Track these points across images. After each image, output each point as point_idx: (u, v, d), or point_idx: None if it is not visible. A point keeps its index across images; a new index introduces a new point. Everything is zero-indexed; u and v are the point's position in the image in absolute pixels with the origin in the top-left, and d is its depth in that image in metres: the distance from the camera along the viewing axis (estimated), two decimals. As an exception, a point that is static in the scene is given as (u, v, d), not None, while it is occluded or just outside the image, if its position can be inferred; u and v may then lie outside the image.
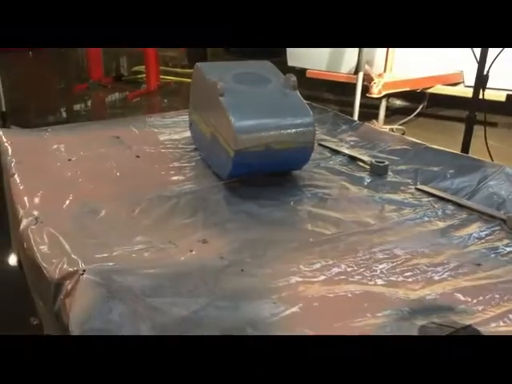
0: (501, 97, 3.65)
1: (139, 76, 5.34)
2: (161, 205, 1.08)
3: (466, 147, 1.89)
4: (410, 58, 3.91)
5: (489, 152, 1.97)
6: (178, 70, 5.51)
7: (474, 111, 1.87)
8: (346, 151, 1.35)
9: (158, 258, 0.89)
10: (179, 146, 1.40)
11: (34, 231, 0.93)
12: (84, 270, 0.79)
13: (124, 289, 0.77)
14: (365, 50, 3.89)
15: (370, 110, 4.01)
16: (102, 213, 1.03)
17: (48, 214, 1.00)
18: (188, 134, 1.45)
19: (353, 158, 1.31)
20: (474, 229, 0.99)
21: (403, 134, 3.82)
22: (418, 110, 4.13)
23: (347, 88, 4.63)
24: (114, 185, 1.17)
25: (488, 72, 1.89)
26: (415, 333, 0.71)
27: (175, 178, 1.21)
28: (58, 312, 0.77)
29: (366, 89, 3.88)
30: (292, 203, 1.11)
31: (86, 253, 0.86)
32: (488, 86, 1.98)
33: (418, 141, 1.38)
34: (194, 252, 0.92)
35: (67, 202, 1.06)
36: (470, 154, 1.57)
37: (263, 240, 0.96)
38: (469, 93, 2.28)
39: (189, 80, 5.98)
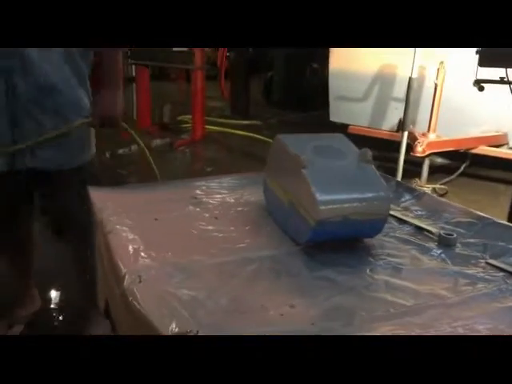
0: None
1: (184, 125, 5.54)
2: (245, 267, 1.17)
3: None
4: (454, 118, 3.99)
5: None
6: (222, 120, 5.71)
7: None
8: (413, 221, 1.42)
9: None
10: (253, 209, 1.49)
11: (140, 289, 1.02)
12: (197, 331, 0.87)
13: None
14: (410, 109, 3.97)
15: (410, 166, 4.08)
16: (193, 272, 1.12)
17: (149, 273, 1.09)
18: (259, 197, 1.54)
19: (420, 229, 1.38)
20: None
21: (446, 193, 3.88)
22: (460, 170, 4.18)
23: (384, 144, 4.71)
24: (201, 245, 1.26)
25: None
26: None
27: (253, 240, 1.30)
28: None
29: (408, 147, 3.95)
30: (368, 271, 1.18)
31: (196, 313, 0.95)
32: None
33: (484, 214, 1.44)
34: (284, 316, 0.99)
35: (163, 261, 1.15)
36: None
37: (348, 308, 1.03)
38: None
39: (232, 130, 6.13)
